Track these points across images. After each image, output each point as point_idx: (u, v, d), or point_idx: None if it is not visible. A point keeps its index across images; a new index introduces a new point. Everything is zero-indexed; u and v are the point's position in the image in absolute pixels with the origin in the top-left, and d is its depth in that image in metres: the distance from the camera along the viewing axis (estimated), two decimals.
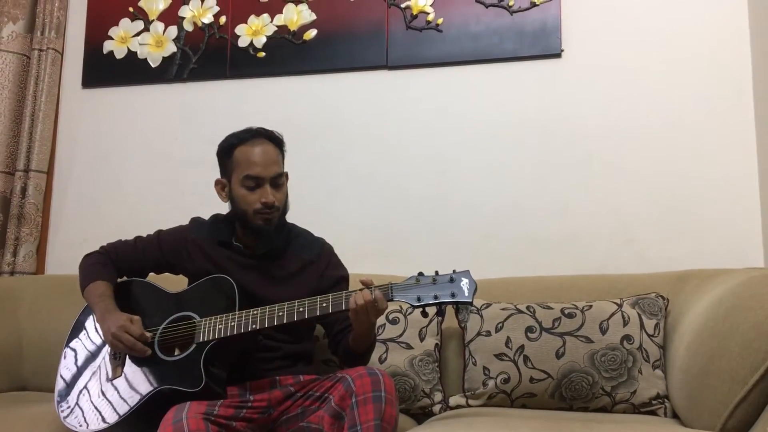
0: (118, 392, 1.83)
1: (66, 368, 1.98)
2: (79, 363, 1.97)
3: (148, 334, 1.85)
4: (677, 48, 2.53)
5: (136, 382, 1.82)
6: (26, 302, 2.70)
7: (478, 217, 2.62)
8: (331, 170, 2.78)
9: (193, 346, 1.81)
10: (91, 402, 1.86)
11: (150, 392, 1.77)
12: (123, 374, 1.85)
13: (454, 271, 1.67)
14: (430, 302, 1.65)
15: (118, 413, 1.78)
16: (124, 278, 2.08)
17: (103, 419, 1.80)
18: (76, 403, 1.88)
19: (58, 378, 1.97)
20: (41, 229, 3.01)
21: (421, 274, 1.69)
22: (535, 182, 2.59)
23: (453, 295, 1.64)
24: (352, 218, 2.72)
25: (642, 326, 2.05)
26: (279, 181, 1.96)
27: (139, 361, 1.85)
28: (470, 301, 1.64)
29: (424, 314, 1.69)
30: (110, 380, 1.87)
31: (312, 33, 2.85)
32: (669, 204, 2.48)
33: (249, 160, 1.93)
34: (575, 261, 2.51)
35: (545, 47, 2.63)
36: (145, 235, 2.11)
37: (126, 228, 2.28)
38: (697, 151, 2.48)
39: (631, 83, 2.56)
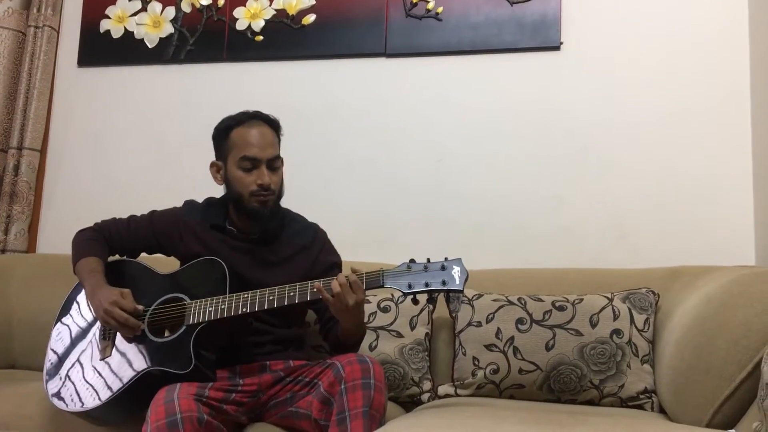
0: (107, 372, 1.82)
1: (55, 347, 1.98)
2: (69, 342, 1.96)
3: (140, 307, 1.85)
4: (675, 45, 2.53)
5: (126, 362, 1.81)
6: (17, 281, 2.70)
7: (472, 208, 2.62)
8: (326, 157, 2.78)
9: (183, 327, 1.80)
10: (80, 381, 1.85)
11: (139, 373, 1.77)
12: (112, 354, 1.85)
13: (445, 259, 1.67)
14: (421, 290, 1.65)
15: (106, 393, 1.78)
16: (116, 257, 2.08)
17: (92, 398, 1.79)
18: (65, 382, 1.88)
19: (47, 356, 1.97)
20: (33, 207, 3.00)
21: (412, 261, 1.69)
22: (530, 174, 2.60)
23: (444, 283, 1.64)
24: (348, 205, 2.72)
25: (632, 321, 2.06)
26: (275, 163, 1.96)
27: (128, 342, 1.85)
28: (461, 289, 1.64)
29: (415, 301, 1.69)
30: (100, 360, 1.86)
31: (311, 18, 2.83)
32: (663, 200, 2.48)
33: (246, 141, 1.93)
34: (567, 254, 2.51)
35: (544, 39, 2.62)
36: (138, 215, 2.11)
37: (119, 209, 2.27)
38: (692, 148, 2.48)
39: (629, 78, 2.55)
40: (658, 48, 2.54)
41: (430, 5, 2.72)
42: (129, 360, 1.81)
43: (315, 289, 1.72)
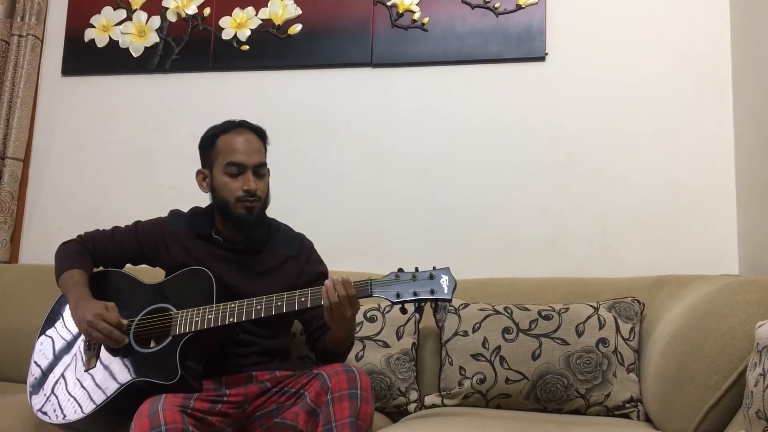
0: (92, 383, 1.80)
1: (39, 358, 1.96)
2: (53, 353, 1.94)
3: (125, 321, 1.83)
4: (660, 56, 2.56)
5: (110, 373, 1.79)
6: None
7: (458, 217, 2.63)
8: (312, 167, 2.77)
9: (169, 338, 1.79)
10: (64, 393, 1.83)
11: (124, 384, 1.75)
12: (97, 365, 1.83)
13: (434, 268, 1.68)
14: (409, 299, 1.65)
15: (91, 404, 1.76)
16: (100, 268, 2.06)
17: (76, 410, 1.77)
18: (49, 394, 1.85)
19: (31, 368, 1.94)
20: (16, 217, 2.97)
21: (401, 270, 1.69)
22: (515, 184, 2.61)
23: (432, 292, 1.64)
24: (334, 215, 2.72)
25: (618, 330, 2.07)
26: (261, 170, 1.95)
27: (113, 353, 1.83)
28: (449, 298, 1.64)
29: (403, 311, 1.69)
30: (84, 371, 1.84)
31: (297, 28, 2.84)
32: (647, 210, 2.50)
33: (232, 147, 1.93)
34: (553, 264, 2.52)
35: (529, 50, 2.64)
36: (123, 226, 2.09)
37: (102, 219, 2.26)
38: (676, 159, 2.50)
39: (614, 89, 2.57)
40: (642, 59, 2.57)
41: (416, 16, 2.73)
42: (114, 371, 1.80)
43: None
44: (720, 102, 2.49)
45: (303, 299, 1.73)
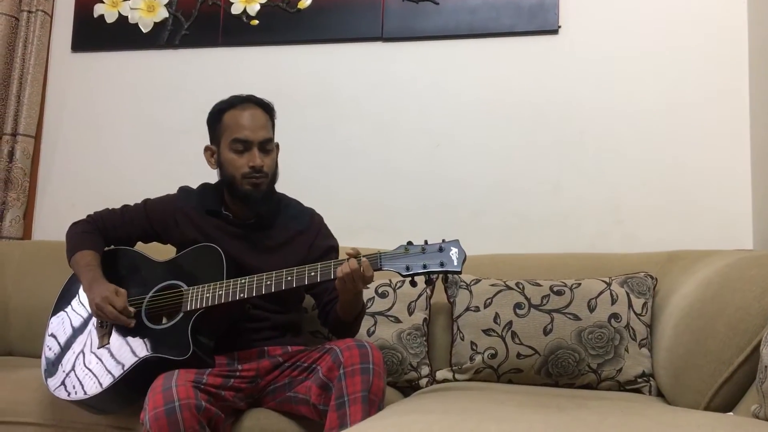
0: (105, 360, 1.82)
1: (53, 336, 1.97)
2: (66, 331, 1.95)
3: (132, 309, 1.84)
4: (675, 32, 2.51)
5: (123, 350, 1.81)
6: (13, 267, 2.69)
7: (469, 193, 2.61)
8: (322, 142, 2.76)
9: (181, 314, 1.80)
10: (79, 370, 1.84)
11: (137, 361, 1.76)
12: (110, 342, 1.84)
13: (443, 241, 1.67)
14: (419, 271, 1.64)
15: (105, 381, 1.78)
16: (111, 247, 2.07)
17: (90, 387, 1.79)
18: (63, 371, 1.87)
19: (45, 346, 1.96)
20: (28, 194, 2.98)
21: (410, 243, 1.69)
22: (527, 160, 2.59)
23: (442, 264, 1.64)
24: (344, 191, 2.71)
25: (630, 305, 2.06)
26: (268, 146, 1.95)
27: (126, 330, 1.84)
28: (459, 270, 1.64)
29: (413, 283, 1.70)
30: (98, 348, 1.86)
31: (307, 2, 2.81)
32: (660, 185, 2.48)
33: (237, 123, 1.92)
34: (565, 239, 2.51)
35: (542, 23, 2.60)
36: (132, 204, 2.09)
37: (113, 195, 2.26)
38: (690, 134, 2.47)
39: (627, 64, 2.54)
40: (657, 33, 2.53)
41: None
42: (127, 348, 1.81)
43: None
44: (736, 78, 2.45)
45: (313, 273, 1.73)
